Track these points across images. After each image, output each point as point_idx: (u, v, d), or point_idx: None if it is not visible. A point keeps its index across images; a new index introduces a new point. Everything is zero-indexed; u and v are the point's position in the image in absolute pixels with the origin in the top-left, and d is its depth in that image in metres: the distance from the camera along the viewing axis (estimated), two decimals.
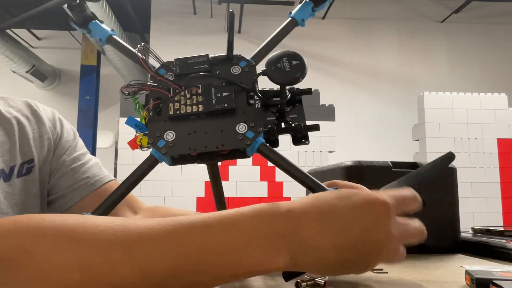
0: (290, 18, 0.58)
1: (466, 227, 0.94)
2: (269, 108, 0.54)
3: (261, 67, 0.53)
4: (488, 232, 0.89)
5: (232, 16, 0.52)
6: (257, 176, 3.03)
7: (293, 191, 2.97)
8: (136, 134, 0.52)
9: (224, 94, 0.51)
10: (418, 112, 3.24)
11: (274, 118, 0.53)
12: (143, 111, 0.52)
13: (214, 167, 0.61)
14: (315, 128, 0.53)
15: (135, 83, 0.52)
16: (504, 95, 3.21)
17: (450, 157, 0.56)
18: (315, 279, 0.49)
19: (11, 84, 5.44)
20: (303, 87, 0.55)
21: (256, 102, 0.51)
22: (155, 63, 0.55)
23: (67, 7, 0.59)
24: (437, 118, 3.13)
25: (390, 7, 5.21)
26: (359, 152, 4.35)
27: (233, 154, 0.51)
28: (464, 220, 0.85)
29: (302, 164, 2.99)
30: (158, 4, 4.98)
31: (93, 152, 4.87)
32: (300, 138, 0.53)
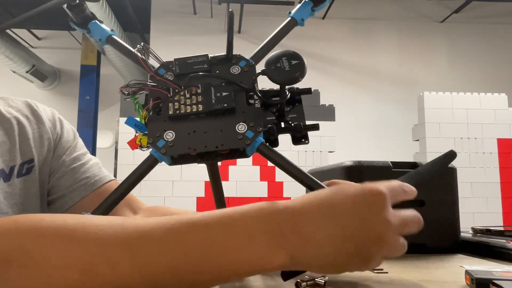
0: (289, 18, 0.58)
1: (466, 227, 0.94)
2: (268, 108, 0.54)
3: (260, 66, 0.53)
4: (488, 232, 0.89)
5: (231, 16, 0.52)
6: (257, 176, 3.02)
7: (293, 191, 2.97)
8: (136, 134, 0.52)
9: (224, 94, 0.51)
10: (418, 112, 3.24)
11: (274, 118, 0.54)
12: (143, 111, 0.52)
13: (214, 167, 0.61)
14: (315, 127, 0.53)
15: (134, 83, 0.52)
16: (504, 95, 3.21)
17: (451, 155, 0.55)
18: (315, 279, 0.48)
19: (11, 84, 5.44)
20: (303, 87, 0.55)
21: (256, 102, 0.51)
22: (155, 63, 0.55)
23: (67, 7, 0.59)
24: (437, 118, 3.13)
25: (390, 7, 5.21)
26: (359, 152, 4.34)
27: (232, 154, 0.51)
28: (464, 220, 0.85)
29: (302, 164, 2.99)
30: (158, 4, 4.97)
31: (93, 152, 4.87)
32: (299, 137, 0.53)
